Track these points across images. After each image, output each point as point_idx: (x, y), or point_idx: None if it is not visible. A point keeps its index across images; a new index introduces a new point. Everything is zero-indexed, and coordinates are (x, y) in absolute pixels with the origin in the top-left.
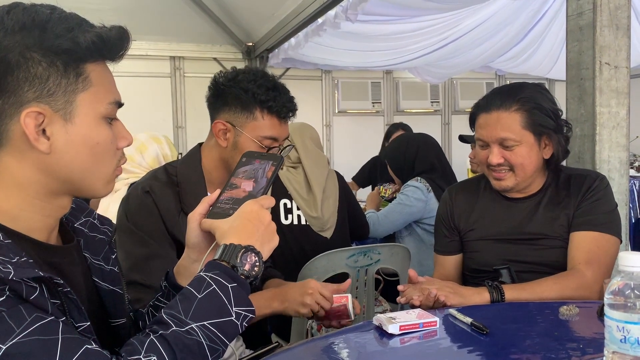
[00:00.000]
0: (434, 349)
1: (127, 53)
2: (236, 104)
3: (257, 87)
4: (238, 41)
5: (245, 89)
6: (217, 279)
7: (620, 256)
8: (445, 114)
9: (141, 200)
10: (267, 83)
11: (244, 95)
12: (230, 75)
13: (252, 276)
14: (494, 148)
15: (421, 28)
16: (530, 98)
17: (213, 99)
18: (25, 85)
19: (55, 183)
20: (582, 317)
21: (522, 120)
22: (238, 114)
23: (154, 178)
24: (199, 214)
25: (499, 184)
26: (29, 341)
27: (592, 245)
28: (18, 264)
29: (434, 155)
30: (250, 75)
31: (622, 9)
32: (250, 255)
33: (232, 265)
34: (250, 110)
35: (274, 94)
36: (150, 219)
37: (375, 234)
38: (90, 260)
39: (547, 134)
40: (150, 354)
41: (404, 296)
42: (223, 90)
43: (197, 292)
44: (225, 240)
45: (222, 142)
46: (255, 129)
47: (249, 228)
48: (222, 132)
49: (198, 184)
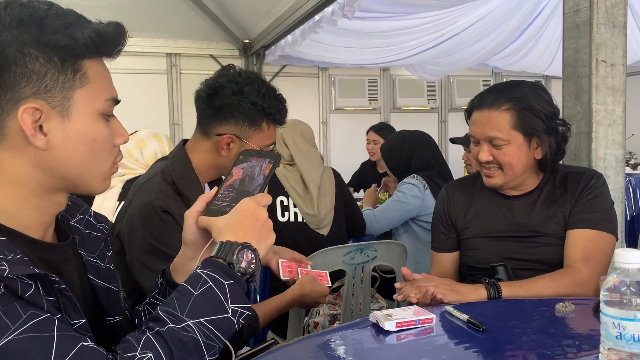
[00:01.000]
0: (430, 345)
1: (123, 49)
2: (244, 118)
3: (264, 100)
4: (235, 38)
5: (254, 103)
6: (213, 276)
7: (616, 253)
8: (442, 111)
9: (164, 221)
10: (270, 93)
11: (252, 110)
12: (236, 88)
13: (249, 273)
14: (484, 145)
15: (418, 25)
16: (522, 98)
17: (212, 111)
18: (22, 81)
19: (51, 180)
20: (578, 314)
21: (511, 120)
22: (246, 127)
23: (162, 193)
24: (195, 212)
25: (489, 181)
26: (24, 338)
27: (589, 242)
28: (13, 261)
29: (430, 153)
30: (255, 86)
31: (619, 7)
32: (246, 252)
33: (228, 263)
34: (257, 123)
35: (277, 104)
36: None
37: (372, 231)
38: (86, 258)
39: (537, 135)
40: (147, 350)
41: (401, 294)
42: (228, 103)
43: (193, 289)
44: (221, 237)
45: (224, 152)
46: (260, 139)
47: (246, 225)
48: (225, 144)
49: (197, 189)
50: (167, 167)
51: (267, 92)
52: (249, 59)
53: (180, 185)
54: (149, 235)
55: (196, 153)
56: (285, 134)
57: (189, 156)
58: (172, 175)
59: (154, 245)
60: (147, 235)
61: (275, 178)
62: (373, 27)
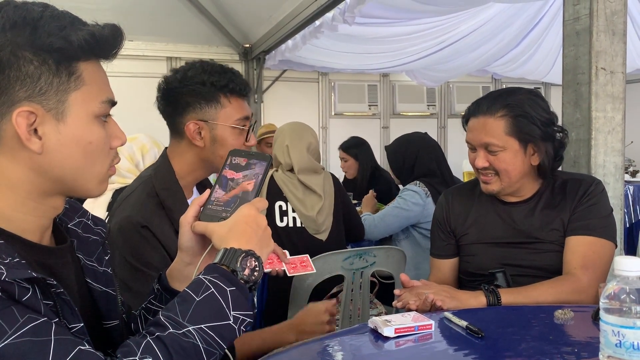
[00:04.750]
0: (429, 352)
1: (120, 51)
2: (198, 99)
3: (211, 75)
4: (235, 42)
5: (202, 82)
6: (216, 282)
7: (615, 261)
8: (442, 117)
9: (143, 237)
10: (217, 68)
11: (203, 89)
12: (180, 76)
13: (252, 281)
14: (479, 152)
15: (418, 31)
16: (517, 105)
17: (171, 108)
18: (16, 84)
19: (47, 183)
20: (577, 321)
21: (506, 127)
22: (205, 109)
23: (142, 208)
24: (191, 217)
25: (486, 188)
26: (21, 342)
27: (588, 249)
28: (10, 265)
29: (433, 160)
30: (198, 67)
31: (619, 15)
32: (250, 260)
33: (232, 270)
34: (215, 100)
35: (228, 75)
36: (156, 253)
37: (371, 236)
38: (84, 262)
39: (533, 142)
40: (146, 355)
41: (401, 300)
42: (179, 93)
43: (195, 295)
44: (224, 244)
45: (199, 142)
46: (227, 115)
47: (248, 232)
48: (196, 133)
49: (181, 200)
50: (150, 178)
51: (212, 69)
52: (249, 64)
53: (163, 197)
54: (128, 252)
55: (177, 157)
56: (292, 145)
57: (171, 164)
58: (156, 186)
59: (132, 264)
60: (125, 253)
61: (273, 183)
62: (373, 33)
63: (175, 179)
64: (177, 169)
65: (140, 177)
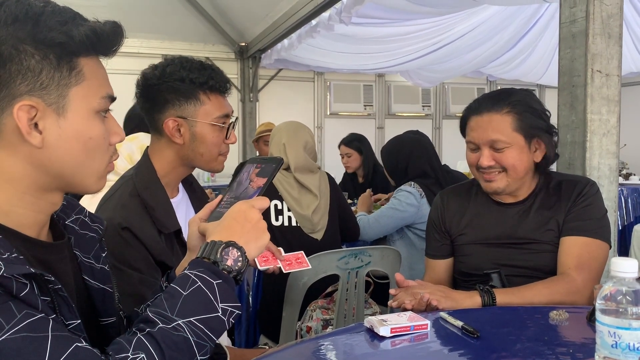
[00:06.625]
0: (425, 351)
1: (120, 49)
2: (177, 96)
3: (190, 72)
4: (231, 41)
5: (180, 79)
6: (201, 276)
7: (612, 262)
8: (436, 118)
9: (123, 239)
10: (196, 65)
11: (181, 86)
12: (158, 72)
13: (235, 271)
14: (484, 150)
15: (414, 32)
16: (521, 101)
17: (149, 105)
18: (17, 78)
19: (46, 178)
20: (571, 322)
21: (513, 123)
22: (184, 106)
23: (123, 209)
24: (199, 218)
25: (489, 186)
26: (18, 338)
27: (582, 250)
28: (8, 260)
29: (426, 162)
30: (177, 64)
31: (614, 18)
32: (231, 250)
33: (213, 261)
34: (195, 97)
35: (207, 72)
36: (139, 255)
37: (366, 236)
38: (81, 258)
39: (539, 135)
40: (139, 351)
41: (396, 300)
42: (157, 89)
43: (182, 289)
44: (209, 239)
45: (178, 139)
46: (207, 113)
47: (233, 226)
48: (175, 130)
49: (163, 199)
50: (131, 178)
51: (191, 66)
52: (245, 62)
53: (145, 197)
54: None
55: (157, 155)
56: (289, 143)
57: (152, 163)
58: (137, 186)
59: (113, 265)
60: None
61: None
62: (369, 33)
63: (157, 178)
64: (157, 167)
65: (122, 177)
